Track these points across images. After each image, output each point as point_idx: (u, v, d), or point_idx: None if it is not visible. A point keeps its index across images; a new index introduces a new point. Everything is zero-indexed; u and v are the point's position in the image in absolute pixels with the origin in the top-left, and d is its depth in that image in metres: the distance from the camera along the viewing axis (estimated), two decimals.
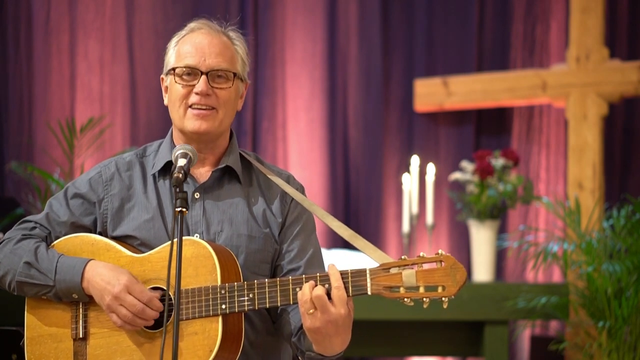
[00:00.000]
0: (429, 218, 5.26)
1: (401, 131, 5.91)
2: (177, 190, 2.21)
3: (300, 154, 5.87)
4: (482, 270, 5.13)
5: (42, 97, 5.75)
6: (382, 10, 5.88)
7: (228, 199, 2.43)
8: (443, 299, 2.17)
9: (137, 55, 5.83)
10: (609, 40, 5.46)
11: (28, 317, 2.41)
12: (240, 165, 2.48)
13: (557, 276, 5.55)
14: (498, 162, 5.17)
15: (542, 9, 5.74)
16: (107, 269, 2.33)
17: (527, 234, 5.42)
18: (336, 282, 2.18)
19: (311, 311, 2.17)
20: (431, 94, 5.67)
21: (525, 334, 5.55)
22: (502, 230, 5.55)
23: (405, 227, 5.28)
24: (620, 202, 5.01)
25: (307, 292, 2.18)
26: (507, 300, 4.79)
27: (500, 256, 5.52)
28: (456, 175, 5.27)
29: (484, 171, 5.11)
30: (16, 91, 5.76)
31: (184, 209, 2.18)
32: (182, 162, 2.28)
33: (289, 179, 2.50)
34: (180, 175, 2.24)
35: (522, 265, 5.48)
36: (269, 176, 2.48)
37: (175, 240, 2.16)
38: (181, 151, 2.31)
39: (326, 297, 2.17)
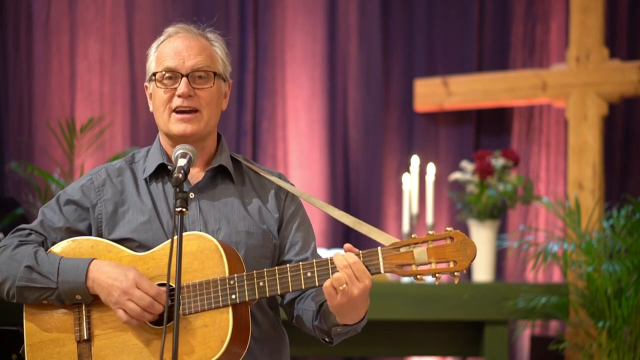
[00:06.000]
0: (429, 218, 5.26)
1: (401, 131, 5.90)
2: (178, 190, 2.20)
3: (300, 154, 5.86)
4: (482, 270, 5.12)
5: (42, 97, 5.74)
6: (382, 10, 5.87)
7: (223, 198, 2.45)
8: (455, 273, 2.21)
9: (137, 55, 5.83)
10: (609, 40, 5.46)
11: (27, 325, 2.40)
12: (232, 165, 2.50)
13: (557, 276, 5.55)
14: (498, 162, 5.17)
15: (542, 9, 5.74)
16: (111, 266, 2.33)
17: (527, 234, 5.42)
18: (351, 259, 2.22)
19: (342, 287, 2.20)
20: (431, 94, 5.67)
21: (525, 334, 5.55)
22: (502, 230, 5.55)
23: (405, 227, 5.28)
24: (620, 202, 5.01)
25: (341, 261, 2.22)
26: (507, 300, 4.79)
27: (500, 256, 5.52)
28: (456, 175, 5.27)
29: (484, 171, 5.11)
30: (16, 91, 5.75)
31: (184, 209, 2.18)
32: (182, 162, 2.30)
33: (281, 177, 2.53)
34: (180, 175, 2.24)
35: (522, 265, 5.48)
36: (262, 173, 2.50)
37: (176, 237, 2.16)
38: (181, 151, 2.32)
39: (352, 272, 2.21)
